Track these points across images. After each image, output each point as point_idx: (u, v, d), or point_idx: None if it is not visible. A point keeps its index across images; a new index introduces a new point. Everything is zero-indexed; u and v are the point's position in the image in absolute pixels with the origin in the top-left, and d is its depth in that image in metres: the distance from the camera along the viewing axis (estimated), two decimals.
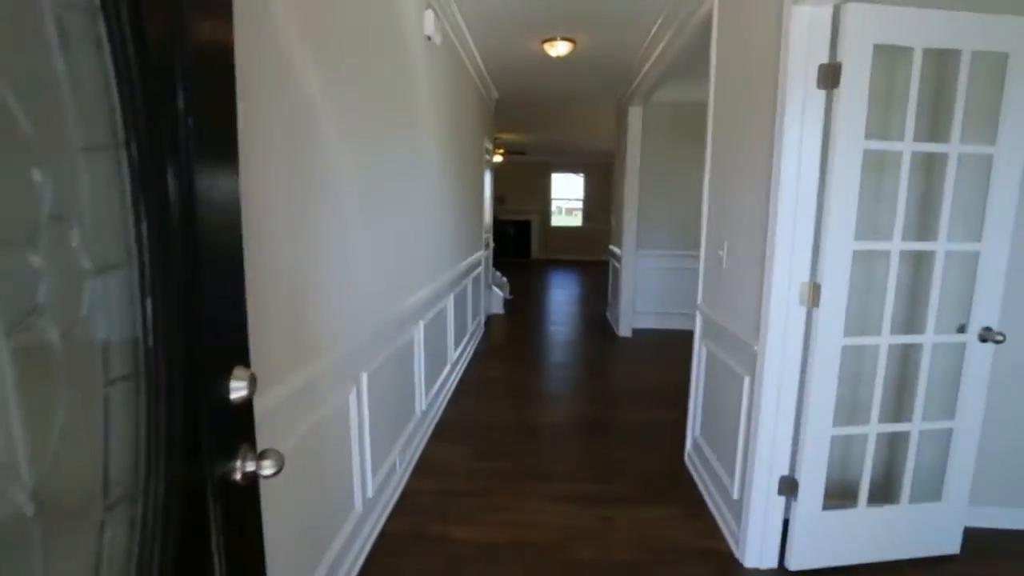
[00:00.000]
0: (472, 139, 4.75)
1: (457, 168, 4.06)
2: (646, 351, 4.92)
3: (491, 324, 5.99)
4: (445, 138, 3.55)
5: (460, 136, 4.11)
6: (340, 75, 1.76)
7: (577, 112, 7.02)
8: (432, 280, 3.26)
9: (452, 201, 3.93)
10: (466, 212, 4.56)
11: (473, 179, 4.92)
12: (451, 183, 3.87)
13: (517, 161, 12.68)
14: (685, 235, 5.61)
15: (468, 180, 4.59)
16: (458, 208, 4.19)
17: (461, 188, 4.28)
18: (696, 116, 5.64)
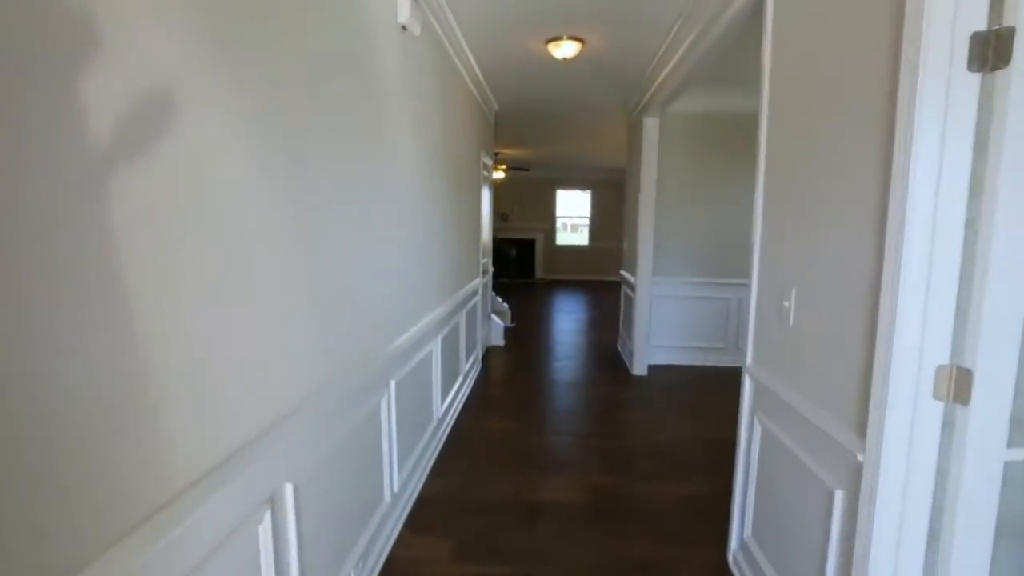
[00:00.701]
0: (468, 154, 4.19)
1: (449, 189, 3.49)
2: (666, 395, 4.28)
3: (490, 358, 5.37)
4: (431, 152, 2.98)
5: (453, 150, 3.54)
6: (237, 55, 1.18)
7: (584, 124, 6.47)
8: (412, 325, 2.67)
9: (441, 229, 3.35)
10: (460, 239, 3.98)
11: (470, 200, 4.35)
12: (441, 207, 3.29)
13: (520, 177, 12.16)
14: (708, 261, 5.01)
15: (463, 202, 4.02)
16: (449, 236, 3.61)
17: (454, 212, 3.70)
18: (723, 128, 5.05)
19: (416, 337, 2.68)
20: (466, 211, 4.18)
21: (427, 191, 2.94)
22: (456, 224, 3.85)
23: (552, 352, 5.66)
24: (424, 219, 2.93)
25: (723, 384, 4.51)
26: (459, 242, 3.97)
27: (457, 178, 3.76)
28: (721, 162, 4.93)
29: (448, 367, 3.55)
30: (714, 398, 4.21)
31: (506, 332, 6.48)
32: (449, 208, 3.57)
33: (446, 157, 3.37)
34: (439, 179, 3.20)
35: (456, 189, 3.75)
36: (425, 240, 3.00)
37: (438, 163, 3.17)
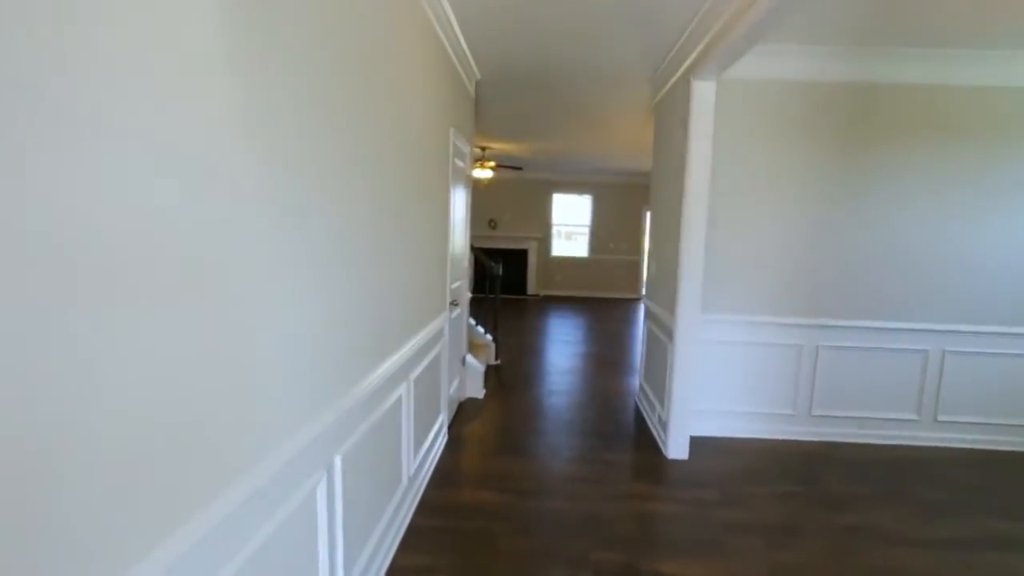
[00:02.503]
0: (429, 134, 2.69)
1: (392, 187, 1.99)
2: (730, 508, 2.77)
3: (461, 423, 3.84)
4: (352, 123, 1.48)
5: (399, 123, 2.04)
6: None
7: (591, 105, 4.98)
8: (304, 424, 1.16)
9: (375, 255, 1.85)
10: (417, 262, 2.47)
11: (429, 204, 2.84)
12: (374, 218, 1.80)
13: (512, 178, 10.68)
14: (780, 293, 3.53)
15: (416, 208, 2.52)
16: (395, 261, 2.11)
17: (403, 224, 2.20)
18: (813, 103, 3.40)
19: (307, 451, 1.18)
20: (422, 219, 2.68)
21: (347, 198, 1.45)
22: (416, 239, 2.35)
23: (547, 411, 4.14)
24: (341, 250, 1.44)
25: (810, 474, 3.03)
26: (418, 266, 2.47)
27: (413, 177, 2.26)
28: (809, 152, 3.46)
29: (380, 478, 2.02)
30: (813, 512, 2.73)
31: (488, 375, 4.96)
32: (402, 219, 2.07)
33: (387, 138, 1.87)
34: (379, 178, 1.71)
35: (416, 191, 2.24)
36: (348, 284, 1.50)
37: (371, 148, 1.68)
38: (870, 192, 3.46)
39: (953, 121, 3.39)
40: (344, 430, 1.69)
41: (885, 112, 3.40)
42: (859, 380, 3.61)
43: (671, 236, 3.38)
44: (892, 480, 3.12)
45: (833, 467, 3.27)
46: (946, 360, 3.57)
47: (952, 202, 3.45)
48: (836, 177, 3.45)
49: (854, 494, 2.94)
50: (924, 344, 3.56)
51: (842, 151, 3.43)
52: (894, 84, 3.36)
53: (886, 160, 3.43)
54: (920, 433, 3.64)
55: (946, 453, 3.53)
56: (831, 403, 3.63)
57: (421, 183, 2.59)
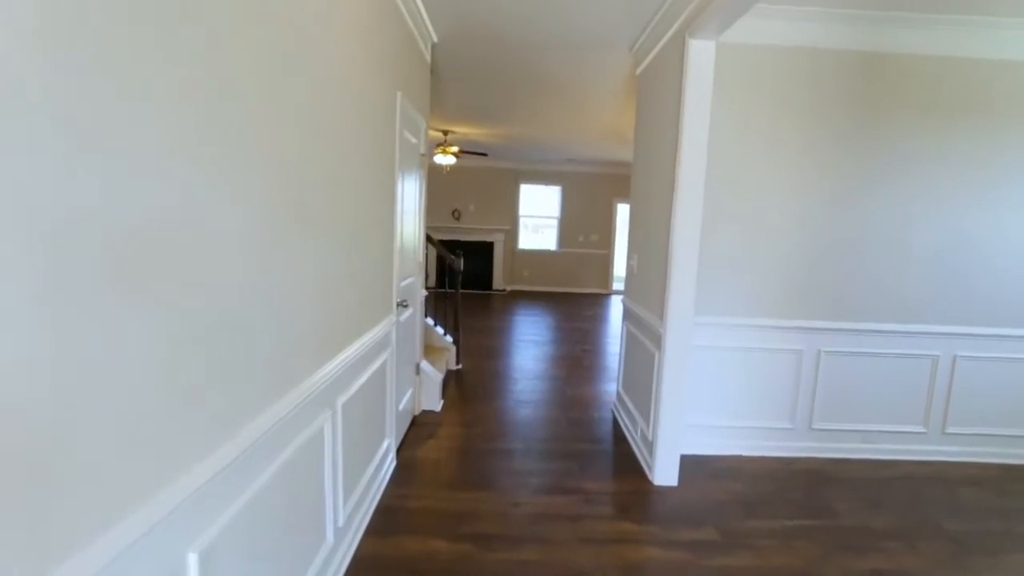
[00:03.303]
0: (361, 86, 2.10)
1: (299, 157, 1.40)
2: (733, 553, 2.30)
3: (414, 442, 3.28)
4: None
5: (311, 63, 1.46)
6: None
7: (563, 78, 4.46)
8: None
9: (266, 242, 1.25)
10: (346, 253, 1.88)
11: (368, 180, 2.26)
12: (268, 197, 1.20)
13: (477, 167, 10.10)
14: (781, 294, 3.10)
15: (351, 182, 1.93)
16: (305, 251, 1.51)
17: (320, 204, 1.60)
18: (826, 74, 2.90)
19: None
20: (354, 199, 2.09)
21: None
22: (351, 229, 1.76)
23: (513, 426, 3.62)
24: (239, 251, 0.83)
25: (817, 502, 2.61)
26: (336, 259, 1.88)
27: (319, 131, 1.67)
28: (810, 133, 3.01)
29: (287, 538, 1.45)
30: (830, 556, 2.29)
31: (447, 382, 4.40)
32: (332, 205, 1.49)
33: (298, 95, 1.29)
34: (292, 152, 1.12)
35: (312, 157, 1.65)
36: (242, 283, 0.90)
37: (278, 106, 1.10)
38: (877, 178, 3.04)
39: (976, 99, 3.00)
40: (209, 506, 1.11)
41: (896, 88, 2.98)
42: (863, 389, 3.22)
43: (659, 227, 2.89)
44: (908, 507, 2.73)
45: (840, 491, 2.85)
46: (957, 366, 3.21)
47: (969, 191, 3.06)
48: (840, 163, 3.03)
49: (871, 528, 2.52)
50: (934, 349, 3.19)
51: (847, 133, 3.00)
52: (908, 55, 2.95)
53: (896, 143, 3.02)
54: (927, 447, 3.28)
55: (956, 470, 3.18)
56: (833, 415, 3.22)
57: (350, 152, 2.01)
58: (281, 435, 1.46)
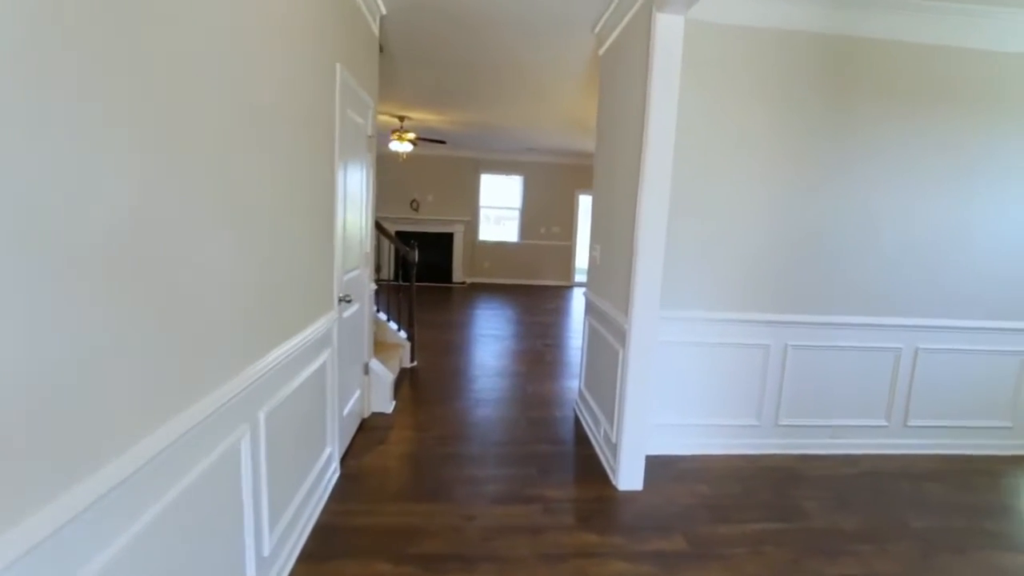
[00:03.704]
0: (296, 63, 1.82)
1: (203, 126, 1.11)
2: (703, 564, 2.15)
3: (361, 449, 3.02)
4: None
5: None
6: None
7: (522, 61, 4.22)
8: None
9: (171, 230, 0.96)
10: (271, 240, 1.60)
11: (301, 161, 1.98)
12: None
13: (435, 156, 9.78)
14: (750, 286, 2.97)
15: (286, 170, 1.65)
16: (213, 240, 1.22)
17: (233, 183, 1.32)
18: (795, 58, 2.75)
19: None
20: (286, 187, 1.81)
21: None
22: (232, 206, 1.48)
23: (469, 428, 3.40)
24: None
25: (785, 502, 2.49)
26: (253, 248, 1.59)
27: (233, 98, 1.39)
28: (779, 120, 2.88)
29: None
30: (802, 562, 2.17)
31: (400, 382, 4.14)
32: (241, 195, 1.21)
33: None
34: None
35: (225, 127, 1.37)
36: None
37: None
38: (846, 167, 2.95)
39: (939, 90, 2.93)
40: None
41: (865, 74, 2.88)
42: (828, 383, 3.14)
43: (623, 215, 2.71)
44: (875, 505, 2.65)
45: (808, 489, 2.76)
46: (919, 359, 3.17)
47: (933, 182, 3.01)
48: (809, 150, 2.92)
49: (841, 529, 2.43)
50: (897, 341, 3.14)
51: (818, 119, 2.89)
52: (877, 40, 2.85)
53: (864, 132, 2.93)
54: (889, 440, 3.24)
55: (919, 463, 3.15)
56: (799, 410, 3.14)
57: (270, 125, 1.73)
58: (171, 464, 1.19)
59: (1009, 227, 3.10)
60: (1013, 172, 3.04)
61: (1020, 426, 3.35)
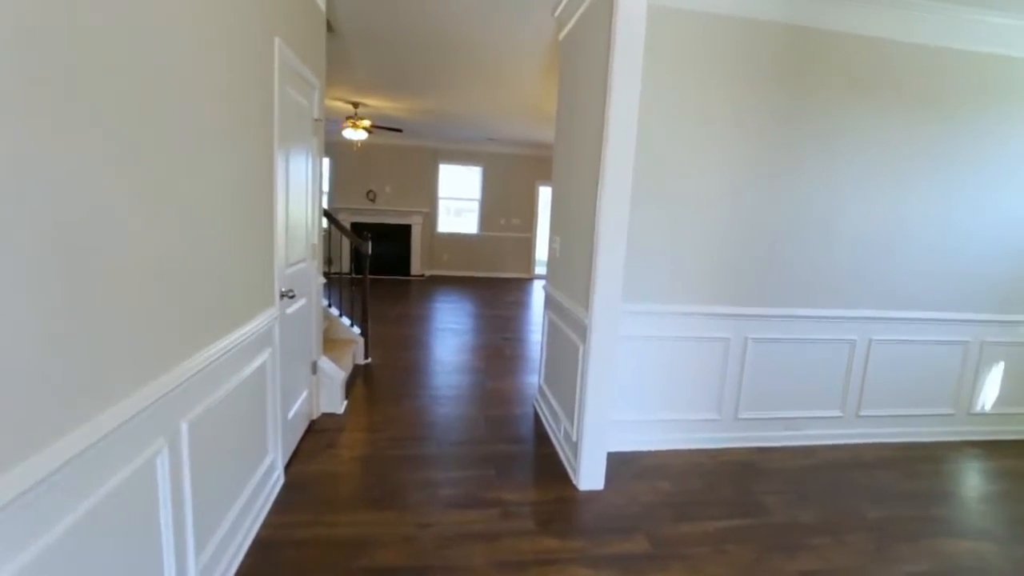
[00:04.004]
0: (223, 35, 1.61)
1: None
2: (665, 566, 2.09)
3: (308, 454, 2.84)
4: None
5: None
6: None
7: (478, 44, 4.07)
8: None
9: None
10: (206, 235, 1.41)
11: (236, 150, 1.78)
12: None
13: (393, 145, 9.50)
14: (718, 278, 2.93)
15: (214, 153, 1.46)
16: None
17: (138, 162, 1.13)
18: (760, 48, 2.69)
19: None
20: (214, 171, 1.62)
21: None
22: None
23: (425, 428, 3.26)
24: None
25: (745, 497, 2.47)
26: (167, 238, 1.40)
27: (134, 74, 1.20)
28: (740, 110, 2.84)
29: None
30: (763, 560, 2.13)
31: (352, 380, 3.96)
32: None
33: None
34: None
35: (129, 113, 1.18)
36: None
37: None
38: (806, 159, 2.94)
39: (894, 84, 2.96)
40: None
41: (825, 66, 2.87)
42: (786, 376, 3.15)
43: (584, 207, 2.61)
44: (832, 496, 2.67)
45: (767, 483, 2.76)
46: (872, 350, 3.22)
47: (885, 178, 3.04)
48: (770, 142, 2.89)
49: (799, 523, 2.42)
50: (852, 334, 3.18)
51: (778, 111, 2.87)
52: (837, 32, 2.84)
53: (824, 125, 2.93)
54: (843, 430, 3.29)
55: (870, 451, 3.21)
56: (758, 404, 3.14)
57: (196, 105, 1.54)
58: (54, 496, 1.01)
59: (953, 221, 3.17)
60: (956, 168, 3.10)
61: (961, 413, 3.46)
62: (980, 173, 3.13)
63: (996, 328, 3.37)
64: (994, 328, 3.36)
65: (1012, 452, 3.35)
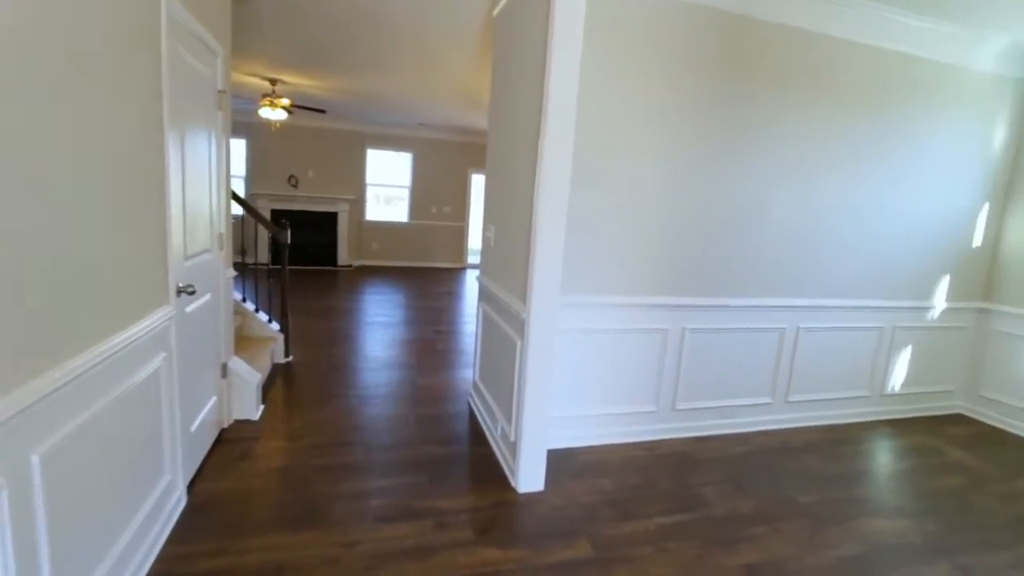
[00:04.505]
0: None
1: None
2: (609, 571, 2.00)
3: (216, 469, 2.53)
4: None
5: None
6: None
7: (406, 22, 3.80)
8: None
9: None
10: (62, 225, 1.12)
11: (107, 121, 1.47)
12: None
13: (316, 128, 8.94)
14: (656, 269, 2.87)
15: (74, 124, 1.16)
16: None
17: None
18: (705, 38, 2.64)
19: None
20: (74, 148, 1.32)
21: None
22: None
23: (352, 432, 3.01)
24: None
25: (685, 490, 2.44)
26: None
27: None
28: (694, 97, 2.77)
29: None
30: (705, 556, 2.09)
31: (271, 381, 3.63)
32: None
33: None
34: None
35: None
36: None
37: None
38: (743, 149, 2.94)
39: (826, 78, 3.00)
40: None
41: (763, 57, 2.87)
42: (721, 365, 3.18)
43: (520, 194, 2.46)
44: (765, 484, 2.70)
45: (705, 474, 2.75)
46: (800, 338, 3.31)
47: (805, 169, 3.10)
48: (709, 130, 2.86)
49: (737, 513, 2.42)
50: (783, 322, 3.25)
51: (717, 99, 2.83)
52: (775, 25, 2.84)
53: (761, 114, 2.93)
54: (774, 416, 3.37)
55: (798, 436, 3.31)
56: (694, 394, 3.14)
57: (37, 63, 1.23)
58: None
59: (864, 214, 3.29)
60: (864, 162, 3.21)
61: (876, 394, 3.65)
62: (885, 168, 3.27)
63: (906, 314, 3.56)
64: (904, 314, 3.56)
65: (917, 428, 3.57)
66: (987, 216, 3.66)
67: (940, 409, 3.87)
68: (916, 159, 3.32)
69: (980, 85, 3.39)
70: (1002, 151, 3.58)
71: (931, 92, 3.25)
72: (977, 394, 3.82)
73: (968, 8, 2.86)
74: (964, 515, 2.55)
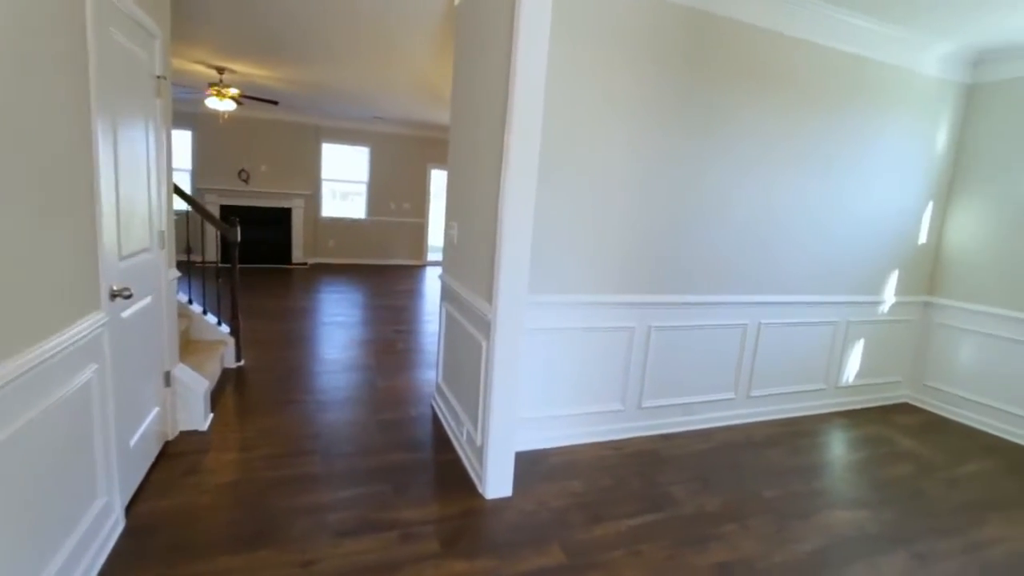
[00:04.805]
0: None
1: None
2: (582, 571, 1.95)
3: (160, 487, 2.35)
4: None
5: None
6: None
7: (361, 9, 3.64)
8: None
9: None
10: None
11: (18, 106, 1.30)
12: None
13: (268, 120, 8.58)
14: (623, 266, 2.83)
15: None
16: None
17: None
18: (681, 34, 2.60)
19: None
20: None
21: None
22: None
23: (308, 440, 2.86)
24: None
25: (653, 490, 2.42)
26: None
27: None
28: (660, 93, 2.74)
29: None
30: (677, 557, 2.07)
31: (220, 389, 3.42)
32: None
33: None
34: None
35: None
36: None
37: None
38: (707, 147, 2.94)
39: (785, 76, 3.04)
40: None
41: (727, 54, 2.86)
42: (686, 362, 3.18)
43: (485, 190, 2.37)
44: (731, 480, 2.72)
45: (672, 472, 2.74)
46: (761, 333, 3.36)
47: (761, 167, 3.12)
48: (674, 126, 2.84)
49: (705, 512, 2.42)
50: (745, 318, 3.28)
51: (683, 96, 2.81)
52: (739, 23, 2.84)
53: (723, 112, 2.93)
54: (736, 411, 3.41)
55: (759, 430, 3.36)
56: (660, 392, 3.14)
57: None
58: None
59: (816, 213, 3.36)
60: (815, 161, 3.26)
61: (831, 387, 3.75)
62: (836, 167, 3.34)
63: (858, 308, 3.67)
64: (856, 308, 3.67)
65: (869, 418, 3.69)
66: (931, 214, 3.81)
67: (889, 399, 4.01)
68: (864, 158, 3.41)
69: (925, 88, 3.51)
70: (945, 152, 3.73)
71: (879, 93, 3.35)
72: (922, 383, 3.99)
73: (915, 13, 2.94)
74: (916, 503, 2.64)
